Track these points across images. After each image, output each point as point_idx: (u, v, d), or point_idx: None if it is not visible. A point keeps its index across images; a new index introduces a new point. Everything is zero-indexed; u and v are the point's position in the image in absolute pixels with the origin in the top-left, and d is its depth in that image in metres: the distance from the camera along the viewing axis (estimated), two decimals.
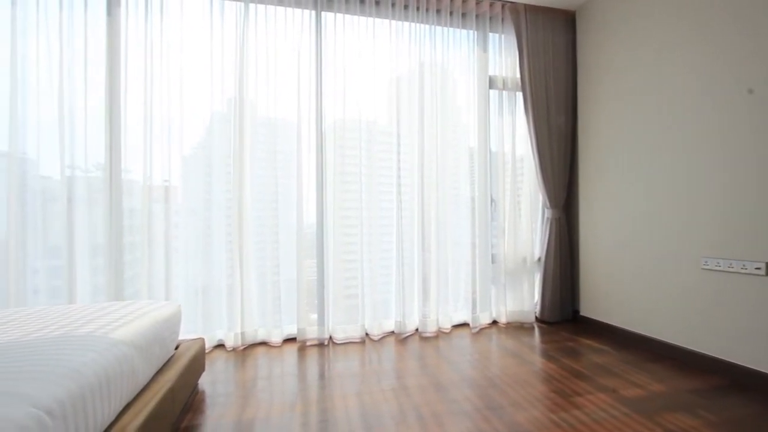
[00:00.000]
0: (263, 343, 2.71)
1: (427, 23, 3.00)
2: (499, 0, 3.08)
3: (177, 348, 1.92)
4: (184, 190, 2.66)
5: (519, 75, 3.14)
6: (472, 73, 3.13)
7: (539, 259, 3.26)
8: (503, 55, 3.19)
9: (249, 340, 2.67)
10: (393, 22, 2.93)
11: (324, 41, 2.82)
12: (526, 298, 3.16)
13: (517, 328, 3.07)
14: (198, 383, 2.04)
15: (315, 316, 2.82)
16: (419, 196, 2.96)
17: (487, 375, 2.15)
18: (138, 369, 1.35)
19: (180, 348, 1.91)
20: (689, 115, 2.31)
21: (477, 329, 3.00)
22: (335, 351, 2.60)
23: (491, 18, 3.16)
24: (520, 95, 3.17)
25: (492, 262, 3.19)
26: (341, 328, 2.79)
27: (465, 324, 3.11)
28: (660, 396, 1.89)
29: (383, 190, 2.94)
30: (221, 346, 2.65)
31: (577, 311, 3.19)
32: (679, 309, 2.36)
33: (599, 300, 2.96)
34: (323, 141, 2.82)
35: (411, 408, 1.78)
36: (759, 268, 1.96)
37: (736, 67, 2.08)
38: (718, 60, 2.16)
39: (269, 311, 2.71)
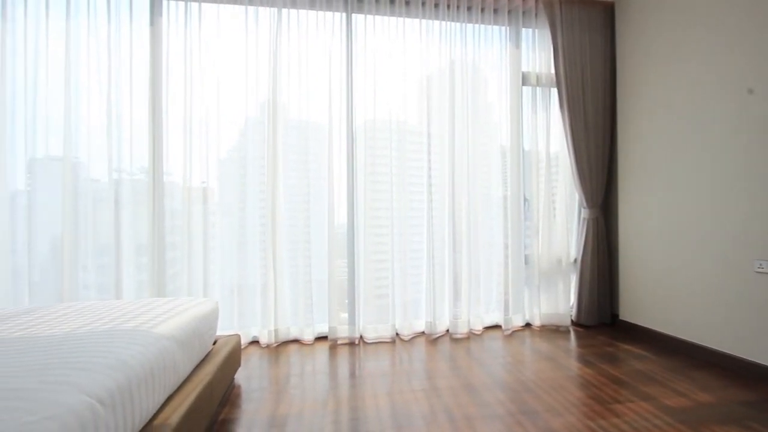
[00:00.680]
0: (296, 341, 2.77)
1: (458, 21, 2.96)
2: None
3: (215, 343, 1.99)
4: (220, 191, 2.76)
5: (554, 70, 3.04)
6: (504, 70, 3.06)
7: (575, 261, 3.15)
8: (537, 51, 3.10)
9: (282, 337, 2.74)
10: (423, 21, 2.91)
11: (354, 43, 2.84)
12: (561, 300, 3.06)
13: (552, 331, 2.98)
14: (234, 378, 2.11)
15: (346, 315, 2.86)
16: (450, 195, 2.93)
17: (521, 378, 2.10)
18: (179, 363, 1.42)
19: (217, 343, 1.98)
20: (744, 110, 2.16)
21: (509, 331, 2.94)
22: (366, 350, 2.61)
23: (524, 13, 3.09)
24: (554, 91, 3.08)
25: (525, 263, 3.11)
26: (372, 327, 2.81)
27: (497, 326, 3.05)
28: (706, 406, 1.78)
29: (413, 190, 2.93)
30: (256, 342, 2.73)
31: (616, 315, 3.06)
32: (729, 314, 2.21)
33: (640, 304, 2.82)
34: (354, 142, 2.85)
35: (442, 409, 1.77)
36: None
37: None
38: None
39: (301, 310, 2.77)
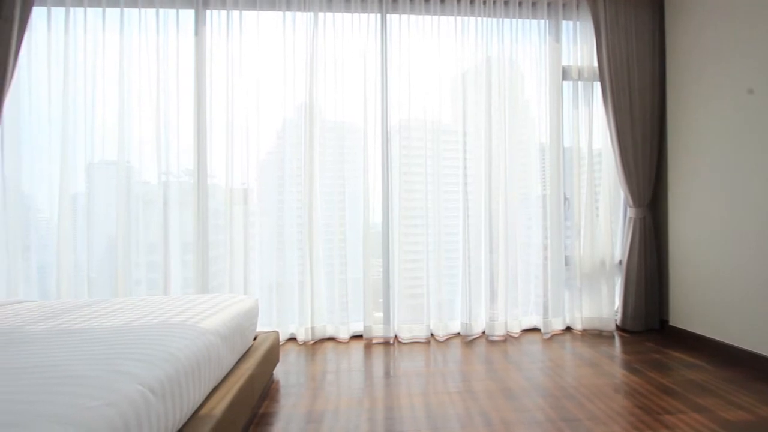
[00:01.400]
0: (331, 339, 2.82)
1: (495, 16, 2.90)
2: None
3: (255, 339, 2.07)
4: (259, 192, 2.85)
5: (597, 63, 2.91)
6: (543, 65, 2.97)
7: (620, 263, 3.00)
8: (579, 44, 2.98)
9: (318, 335, 2.79)
10: (458, 18, 2.88)
11: (389, 43, 2.86)
12: (604, 304, 2.93)
13: (595, 336, 2.85)
14: (273, 373, 2.18)
15: (380, 314, 2.87)
16: (486, 194, 2.88)
17: (561, 384, 2.03)
18: (223, 357, 1.48)
19: (257, 339, 2.05)
20: None
21: (549, 335, 2.85)
22: (400, 350, 2.62)
23: (564, 5, 2.97)
24: (597, 85, 2.95)
25: (565, 264, 3.00)
26: (407, 327, 2.81)
27: (535, 329, 2.96)
28: None
29: (448, 189, 2.91)
30: (293, 339, 2.80)
31: (666, 321, 2.88)
32: None
33: (693, 309, 2.64)
34: (388, 142, 2.86)
35: (478, 413, 1.74)
36: None
37: None
38: None
39: (337, 308, 2.81)
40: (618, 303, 2.99)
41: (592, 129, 2.97)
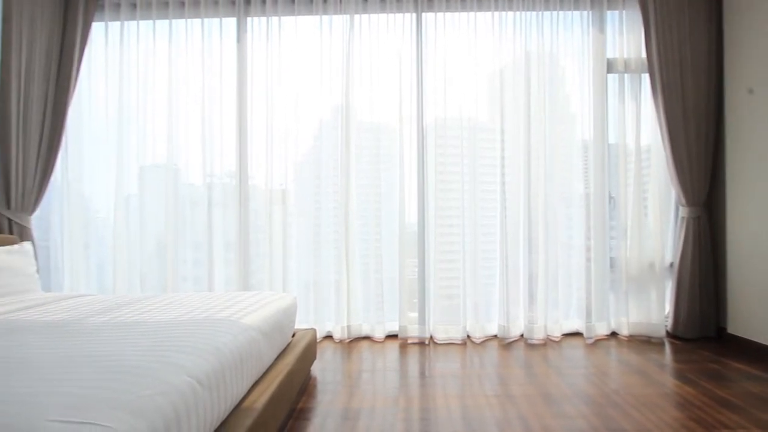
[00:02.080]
0: (367, 338, 2.84)
1: (534, 10, 2.81)
2: None
3: (293, 336, 2.12)
4: (296, 193, 2.93)
5: (645, 54, 2.75)
6: (586, 58, 2.84)
7: (671, 265, 2.83)
8: (625, 34, 2.83)
9: (354, 333, 2.82)
10: (496, 13, 2.82)
11: (424, 42, 2.85)
12: (654, 308, 2.76)
13: (643, 342, 2.70)
14: (310, 370, 2.23)
15: (415, 314, 2.86)
16: (525, 194, 2.80)
17: (606, 392, 1.94)
18: (264, 352, 1.53)
19: (296, 336, 2.11)
20: None
21: (592, 340, 2.72)
22: (436, 351, 2.60)
23: None
24: (646, 77, 2.78)
25: (610, 266, 2.86)
26: (442, 328, 2.78)
27: (577, 333, 2.84)
28: None
29: (485, 188, 2.85)
30: (329, 337, 2.85)
31: (723, 328, 2.68)
32: None
33: (755, 316, 2.44)
34: (424, 141, 2.85)
35: (517, 417, 1.69)
36: None
37: None
38: None
39: (372, 307, 2.83)
40: (669, 308, 2.81)
41: (639, 124, 2.82)
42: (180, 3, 2.84)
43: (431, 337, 2.80)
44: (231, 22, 2.87)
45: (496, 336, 2.82)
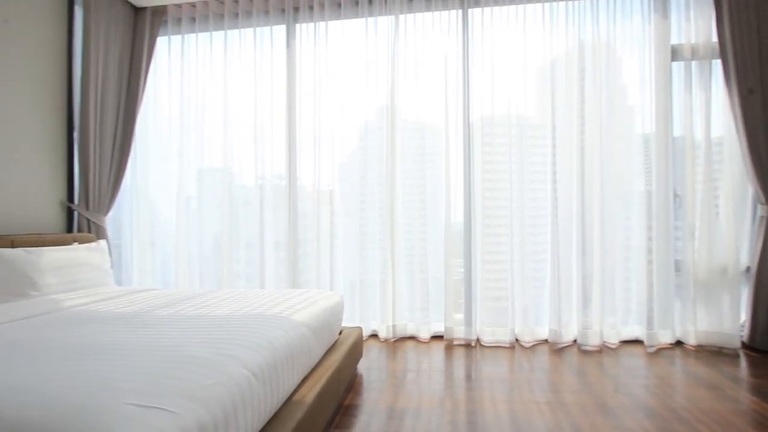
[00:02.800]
0: (412, 338, 2.84)
1: None
2: None
3: (340, 334, 2.16)
4: (341, 193, 2.99)
5: (716, 38, 2.52)
6: (647, 46, 2.65)
7: (747, 269, 2.56)
8: (692, 18, 2.61)
9: (399, 333, 2.83)
10: (546, 5, 2.70)
11: (471, 38, 2.79)
12: (726, 316, 2.52)
13: (714, 353, 2.47)
14: (357, 367, 2.26)
15: (460, 315, 2.82)
16: (578, 192, 2.67)
17: (670, 405, 1.80)
18: (313, 348, 1.58)
19: (342, 334, 2.15)
20: None
21: (654, 349, 2.54)
22: (483, 353, 2.54)
23: None
24: (717, 64, 2.55)
25: (676, 270, 2.65)
26: (489, 330, 2.72)
27: (637, 341, 2.66)
28: None
29: (535, 187, 2.75)
30: (375, 336, 2.87)
31: None
32: None
33: None
34: (470, 139, 2.80)
35: (570, 427, 1.61)
36: None
37: None
38: None
39: (417, 307, 2.82)
40: (745, 316, 2.56)
41: (710, 115, 2.58)
42: (234, 14, 2.99)
43: (478, 339, 2.74)
44: (281, 29, 2.99)
45: (546, 340, 2.70)
